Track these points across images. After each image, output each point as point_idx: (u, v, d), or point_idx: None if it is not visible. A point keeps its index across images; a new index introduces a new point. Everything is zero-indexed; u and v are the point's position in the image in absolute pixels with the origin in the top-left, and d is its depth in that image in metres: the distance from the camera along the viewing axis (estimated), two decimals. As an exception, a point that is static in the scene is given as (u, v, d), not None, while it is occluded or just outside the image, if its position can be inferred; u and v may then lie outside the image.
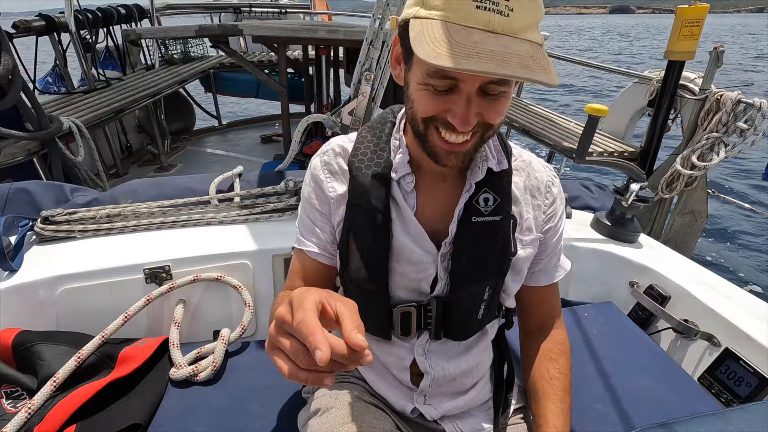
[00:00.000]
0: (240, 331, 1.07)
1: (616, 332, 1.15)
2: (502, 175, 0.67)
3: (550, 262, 0.77)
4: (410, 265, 0.68)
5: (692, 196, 2.35)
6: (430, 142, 0.58)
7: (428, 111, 0.55)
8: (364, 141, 0.70)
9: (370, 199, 0.66)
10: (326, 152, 0.72)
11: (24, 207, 1.32)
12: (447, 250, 0.67)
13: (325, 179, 0.71)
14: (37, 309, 1.06)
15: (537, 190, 0.72)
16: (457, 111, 0.53)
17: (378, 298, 0.69)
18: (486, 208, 0.65)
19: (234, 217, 1.31)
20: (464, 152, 0.58)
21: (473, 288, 0.68)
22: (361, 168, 0.67)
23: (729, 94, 2.12)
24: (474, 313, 0.70)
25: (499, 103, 0.55)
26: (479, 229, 0.66)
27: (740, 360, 1.00)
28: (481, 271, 0.67)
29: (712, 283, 1.17)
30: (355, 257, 0.68)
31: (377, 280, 0.68)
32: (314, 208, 0.72)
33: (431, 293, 0.69)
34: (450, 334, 0.72)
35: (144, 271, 1.11)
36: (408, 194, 0.67)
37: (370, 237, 0.67)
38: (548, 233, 0.74)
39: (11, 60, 1.69)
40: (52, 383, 0.87)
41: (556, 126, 2.86)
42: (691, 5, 2.05)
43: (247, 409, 0.91)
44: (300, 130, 1.35)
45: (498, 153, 0.68)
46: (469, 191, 0.65)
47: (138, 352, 0.98)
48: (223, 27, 2.42)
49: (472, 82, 0.52)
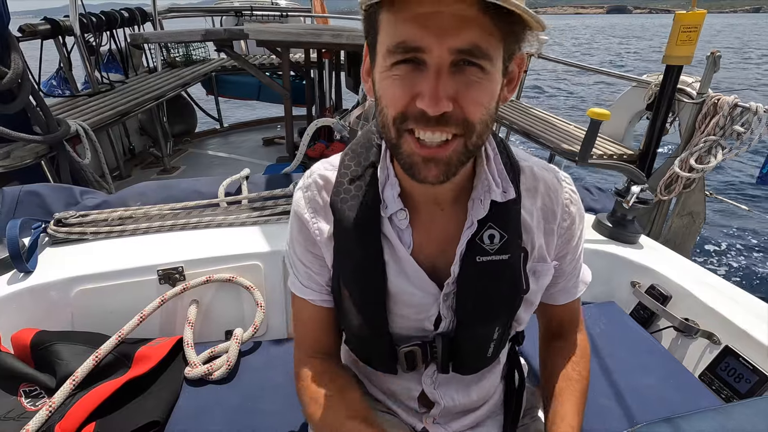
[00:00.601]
0: (253, 331, 1.09)
1: (618, 331, 1.17)
2: (509, 206, 0.58)
3: (568, 282, 0.71)
4: (410, 308, 0.62)
5: (690, 198, 2.39)
6: (404, 151, 0.49)
7: (396, 103, 0.47)
8: (348, 172, 0.61)
9: (358, 242, 0.59)
10: (309, 186, 0.64)
11: (35, 209, 1.34)
12: (450, 290, 0.60)
13: (310, 219, 0.63)
14: (52, 309, 1.08)
15: (551, 213, 0.63)
16: (425, 90, 0.45)
17: (378, 341, 0.65)
18: (492, 246, 0.58)
19: (244, 219, 1.33)
20: (445, 160, 0.48)
21: (481, 329, 0.63)
22: (345, 209, 0.59)
23: (726, 98, 2.16)
24: (483, 352, 0.65)
25: (479, 88, 0.46)
26: (485, 269, 0.58)
27: (740, 357, 1.03)
28: (489, 312, 0.62)
29: (712, 283, 1.20)
30: (348, 304, 0.64)
31: (375, 326, 0.63)
32: (306, 250, 0.65)
33: (436, 330, 0.64)
34: (458, 369, 0.67)
35: (158, 272, 1.14)
36: (402, 231, 0.60)
37: (362, 283, 0.61)
38: (565, 258, 0.67)
39: (21, 64, 1.71)
40: (72, 382, 0.89)
41: (555, 129, 2.90)
42: (689, 11, 2.09)
43: (261, 407, 0.93)
44: (309, 134, 1.37)
45: (504, 179, 0.58)
46: (472, 228, 0.57)
47: (153, 351, 1.00)
48: (229, 31, 2.45)
49: (438, 48, 0.43)
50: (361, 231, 0.59)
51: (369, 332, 0.65)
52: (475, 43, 0.44)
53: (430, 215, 0.60)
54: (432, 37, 0.43)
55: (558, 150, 2.54)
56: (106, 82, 3.16)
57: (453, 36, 0.43)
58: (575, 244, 0.67)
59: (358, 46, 2.50)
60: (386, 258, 0.60)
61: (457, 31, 0.43)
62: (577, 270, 0.71)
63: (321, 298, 0.67)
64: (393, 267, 0.60)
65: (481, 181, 0.58)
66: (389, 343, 0.64)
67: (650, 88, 2.49)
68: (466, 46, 0.44)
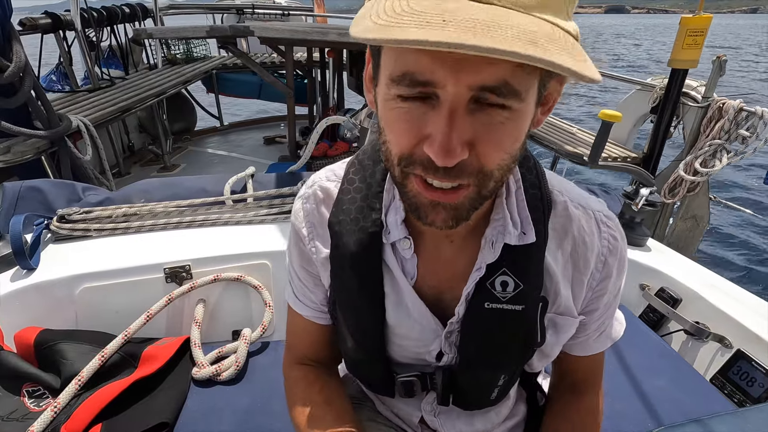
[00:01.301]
0: (261, 331, 1.07)
1: (628, 334, 1.14)
2: (530, 250, 0.50)
3: (590, 337, 0.60)
4: (409, 341, 0.57)
5: (694, 202, 2.40)
6: (409, 192, 0.42)
7: (401, 143, 0.39)
8: (351, 189, 0.55)
9: (357, 270, 0.54)
10: (308, 197, 0.58)
11: (36, 205, 1.32)
12: (454, 328, 0.55)
13: (306, 235, 0.58)
14: (56, 308, 1.06)
15: (584, 261, 0.53)
16: (435, 135, 0.36)
17: (376, 367, 0.61)
18: (504, 294, 0.50)
19: (252, 217, 1.31)
20: (455, 206, 0.41)
21: (485, 375, 0.57)
22: (343, 233, 0.53)
23: (731, 102, 2.17)
24: (486, 394, 0.60)
25: (502, 131, 0.37)
26: (493, 317, 0.51)
27: (752, 361, 1.03)
28: (495, 361, 0.56)
29: (723, 286, 1.20)
30: (345, 331, 0.60)
31: (372, 354, 0.60)
32: (301, 266, 0.61)
33: (437, 362, 0.59)
34: (459, 404, 0.62)
35: (164, 271, 1.12)
36: (407, 261, 0.54)
37: (359, 313, 0.57)
38: (593, 314, 0.57)
39: (22, 58, 1.68)
40: (77, 382, 0.87)
41: (560, 131, 2.90)
42: (695, 15, 2.10)
43: (271, 408, 0.91)
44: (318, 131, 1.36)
45: (524, 219, 0.49)
46: (480, 272, 0.50)
47: (160, 351, 0.98)
48: (234, 28, 2.43)
49: (455, 84, 0.34)
50: (360, 258, 0.53)
51: (366, 358, 0.61)
52: (505, 79, 0.34)
53: (438, 246, 0.53)
54: (447, 70, 0.33)
55: (562, 152, 2.53)
56: (106, 78, 3.13)
57: (475, 71, 0.33)
58: (607, 302, 0.57)
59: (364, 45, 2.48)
60: (386, 289, 0.54)
61: (480, 66, 0.33)
62: (604, 326, 0.60)
63: (315, 315, 0.64)
64: (392, 298, 0.55)
65: (496, 218, 0.49)
66: (386, 370, 0.60)
67: (655, 91, 2.50)
68: (491, 83, 0.34)
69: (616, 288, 0.57)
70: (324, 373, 0.68)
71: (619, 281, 0.57)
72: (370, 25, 0.31)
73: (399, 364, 0.61)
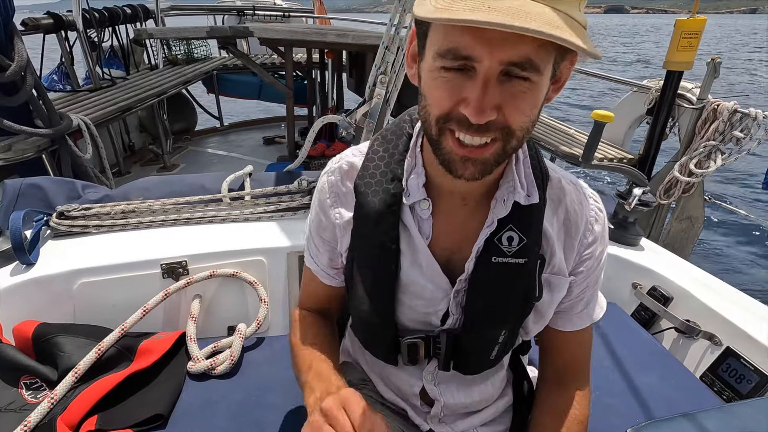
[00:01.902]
0: (256, 326, 1.09)
1: (620, 332, 1.18)
2: (533, 210, 0.58)
3: (573, 308, 0.66)
4: (419, 300, 0.62)
5: (689, 202, 2.41)
6: (444, 148, 0.50)
7: (442, 105, 0.48)
8: (375, 157, 0.62)
9: (377, 229, 0.59)
10: (333, 171, 0.65)
11: (36, 202, 1.33)
12: (462, 286, 0.60)
13: (331, 204, 0.65)
14: (54, 302, 1.07)
15: (575, 227, 0.62)
16: (471, 98, 0.45)
17: (383, 330, 0.66)
18: (509, 249, 0.57)
19: (248, 214, 1.33)
20: (482, 160, 0.49)
21: (488, 331, 0.62)
22: (368, 193, 0.59)
23: (725, 103, 2.19)
24: (486, 354, 0.65)
25: (524, 98, 0.46)
26: (500, 270, 0.58)
27: (741, 358, 1.04)
28: (499, 315, 0.61)
29: (713, 285, 1.21)
30: (359, 289, 0.64)
31: (382, 313, 0.64)
32: (318, 235, 0.68)
33: (441, 326, 0.64)
34: (460, 368, 0.66)
35: (161, 266, 1.13)
36: (423, 221, 0.60)
37: (375, 270, 0.62)
38: (578, 276, 0.64)
39: (24, 56, 1.70)
40: (74, 374, 0.89)
41: (555, 131, 2.92)
42: (689, 17, 2.12)
43: (264, 401, 0.93)
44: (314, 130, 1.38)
45: (530, 183, 0.58)
46: (491, 227, 0.57)
47: (156, 345, 1.00)
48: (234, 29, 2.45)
49: (489, 59, 0.43)
50: (381, 217, 0.59)
51: (375, 319, 0.65)
52: (529, 57, 0.43)
53: (453, 209, 0.60)
54: (484, 47, 0.43)
55: (558, 153, 2.55)
56: (108, 78, 3.15)
57: (506, 48, 0.43)
58: (592, 266, 0.64)
59: (362, 46, 2.50)
60: (402, 247, 0.60)
61: (510, 44, 0.42)
62: (586, 297, 0.66)
63: (318, 270, 0.71)
64: (408, 256, 0.60)
65: (507, 181, 0.57)
66: (393, 333, 0.65)
67: (651, 93, 2.52)
68: (517, 59, 0.43)
69: (600, 257, 0.64)
70: (321, 320, 0.77)
71: (603, 249, 0.64)
72: (431, 8, 0.42)
73: (405, 328, 0.65)
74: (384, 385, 0.76)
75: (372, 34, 2.66)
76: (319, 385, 0.61)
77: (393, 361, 0.68)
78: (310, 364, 0.66)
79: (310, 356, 0.67)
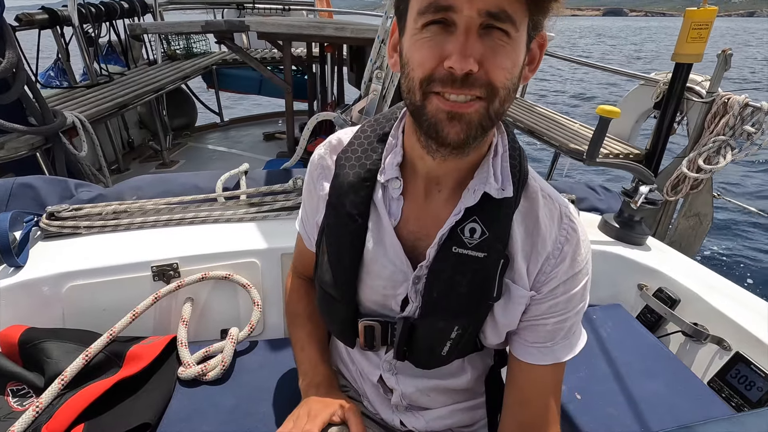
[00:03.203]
0: (249, 330, 1.06)
1: (625, 335, 1.14)
2: (502, 206, 0.56)
3: (535, 333, 0.61)
4: (380, 280, 0.62)
5: (697, 199, 2.35)
6: (428, 111, 0.49)
7: (424, 64, 0.48)
8: (362, 136, 0.64)
9: (348, 201, 0.60)
10: (324, 145, 0.69)
11: (28, 202, 1.31)
12: (423, 273, 0.59)
13: (317, 176, 0.68)
14: (42, 306, 1.05)
15: (542, 242, 0.58)
16: (453, 49, 0.45)
17: (343, 307, 0.66)
18: (470, 240, 0.55)
19: (242, 215, 1.30)
20: (468, 118, 0.48)
21: (440, 323, 0.60)
22: (346, 166, 0.61)
23: (736, 97, 2.12)
24: (438, 348, 0.62)
25: (503, 53, 0.47)
26: (457, 261, 0.56)
27: (751, 364, 1.00)
28: (450, 308, 0.59)
29: (722, 287, 1.17)
30: (324, 260, 0.65)
31: (343, 289, 0.64)
32: (305, 202, 0.73)
33: (401, 313, 0.63)
34: (412, 360, 0.66)
35: (151, 269, 1.10)
36: (393, 201, 0.60)
37: (341, 243, 0.62)
38: (541, 295, 0.59)
39: (15, 53, 1.67)
40: (60, 381, 0.86)
41: (561, 127, 2.85)
42: (699, 7, 2.04)
43: (256, 409, 0.90)
44: (309, 128, 1.34)
45: (505, 177, 0.56)
46: (458, 215, 0.56)
47: (146, 350, 0.97)
48: (229, 23, 2.40)
49: (469, 8, 0.45)
50: (353, 189, 0.60)
51: (337, 294, 0.65)
52: (503, 7, 0.45)
53: (426, 193, 0.60)
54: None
55: (564, 149, 2.50)
56: (105, 74, 3.12)
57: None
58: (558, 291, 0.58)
59: (361, 39, 2.45)
60: (369, 224, 0.61)
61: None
62: (549, 325, 0.60)
63: (309, 242, 0.75)
64: (374, 234, 0.61)
65: (482, 171, 0.57)
66: (353, 312, 0.66)
67: (658, 86, 2.45)
68: (494, 9, 0.45)
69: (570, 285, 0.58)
70: (312, 289, 0.80)
71: (574, 276, 0.58)
72: None
73: (365, 309, 0.66)
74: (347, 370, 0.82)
75: (371, 27, 2.60)
76: (309, 371, 0.73)
77: (350, 342, 0.70)
78: (303, 345, 0.77)
79: (305, 335, 0.78)
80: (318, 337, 0.79)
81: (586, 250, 0.60)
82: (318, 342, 0.78)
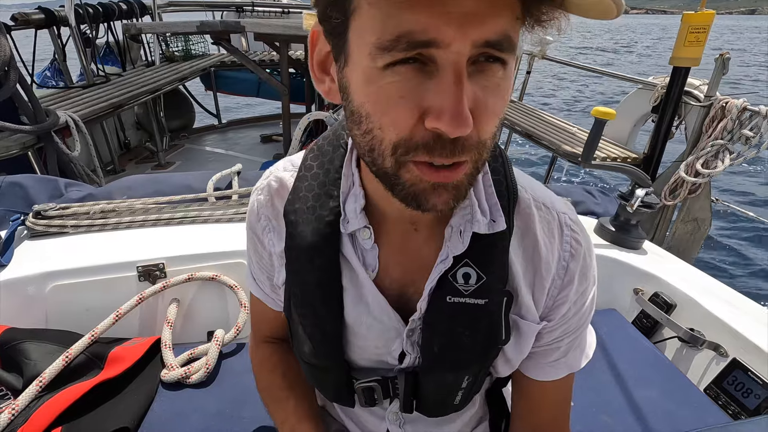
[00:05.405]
0: (235, 333, 1.04)
1: (620, 340, 1.12)
2: (495, 240, 0.47)
3: (547, 355, 0.55)
4: (369, 340, 0.53)
5: (696, 204, 2.33)
6: (406, 181, 0.37)
7: (399, 125, 0.34)
8: (308, 176, 0.51)
9: (312, 263, 0.50)
10: (262, 189, 0.55)
11: (17, 201, 1.29)
12: (416, 325, 0.51)
13: (262, 231, 0.55)
14: (25, 306, 1.03)
15: (545, 265, 0.50)
16: (444, 104, 0.32)
17: (333, 375, 0.57)
18: (466, 287, 0.47)
19: (231, 215, 1.28)
20: (456, 184, 0.37)
21: (448, 376, 0.53)
22: (299, 222, 0.49)
23: (734, 101, 2.11)
24: (449, 399, 0.56)
25: (497, 93, 0.35)
26: (455, 311, 0.48)
27: (748, 371, 0.98)
28: (458, 360, 0.52)
29: (719, 292, 1.15)
30: (299, 330, 0.55)
31: (329, 358, 0.55)
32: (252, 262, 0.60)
33: (399, 364, 0.55)
34: (423, 411, 0.58)
35: (137, 269, 1.08)
36: (367, 252, 0.50)
37: (315, 311, 0.52)
38: (551, 322, 0.52)
39: (7, 52, 1.66)
40: (38, 383, 0.84)
41: (558, 130, 2.85)
42: (697, 11, 2.04)
43: (240, 413, 0.88)
44: (301, 128, 1.32)
45: (493, 206, 0.46)
46: (446, 263, 0.47)
47: (128, 352, 0.95)
48: (225, 23, 2.40)
49: (462, 40, 0.31)
50: (316, 250, 0.49)
51: (321, 363, 0.56)
52: (507, 32, 0.32)
53: (402, 235, 0.49)
54: (451, 25, 0.30)
55: (560, 152, 2.48)
56: (102, 75, 3.12)
57: (480, 23, 0.31)
58: (569, 313, 0.52)
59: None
60: (344, 282, 0.50)
61: (484, 17, 0.31)
62: (563, 345, 0.54)
63: (266, 298, 0.62)
64: (351, 293, 0.51)
65: (463, 207, 0.45)
66: (346, 375, 0.56)
67: (656, 90, 2.44)
68: (494, 37, 0.31)
69: (581, 302, 0.52)
70: (286, 354, 0.68)
71: (585, 293, 0.52)
72: None
73: (359, 369, 0.57)
74: (351, 422, 0.69)
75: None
76: None
77: (349, 403, 0.60)
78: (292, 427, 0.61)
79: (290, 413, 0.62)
80: (306, 412, 0.63)
81: (592, 259, 0.52)
82: (309, 418, 0.62)
